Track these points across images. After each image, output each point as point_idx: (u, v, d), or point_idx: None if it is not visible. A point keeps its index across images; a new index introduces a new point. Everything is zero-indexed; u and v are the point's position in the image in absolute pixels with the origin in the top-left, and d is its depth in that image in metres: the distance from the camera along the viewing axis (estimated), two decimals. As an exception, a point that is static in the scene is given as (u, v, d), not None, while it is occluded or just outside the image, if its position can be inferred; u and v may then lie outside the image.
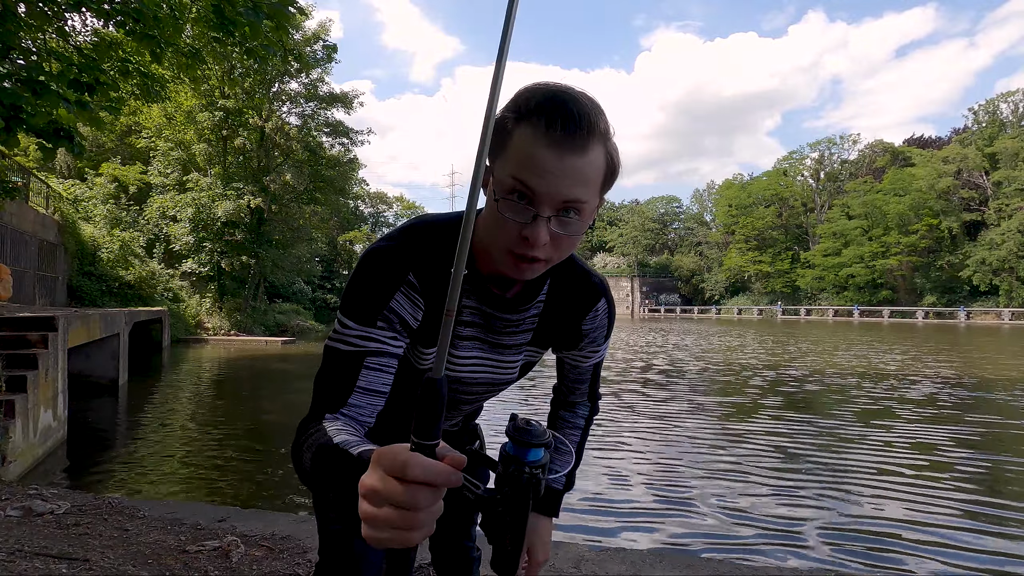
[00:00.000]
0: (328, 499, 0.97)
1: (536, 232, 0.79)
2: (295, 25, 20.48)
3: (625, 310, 67.04)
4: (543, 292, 1.02)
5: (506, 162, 0.80)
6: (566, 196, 0.78)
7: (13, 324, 6.18)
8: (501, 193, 0.80)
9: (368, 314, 0.89)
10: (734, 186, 69.87)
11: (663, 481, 4.97)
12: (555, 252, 0.84)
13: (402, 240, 0.93)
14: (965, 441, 6.29)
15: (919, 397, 9.09)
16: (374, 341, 0.89)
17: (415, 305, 0.92)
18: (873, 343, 21.04)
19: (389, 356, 0.90)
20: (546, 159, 0.76)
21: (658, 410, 8.07)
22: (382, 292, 0.90)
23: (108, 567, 2.60)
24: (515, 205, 0.79)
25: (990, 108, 53.98)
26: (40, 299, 14.88)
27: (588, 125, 0.77)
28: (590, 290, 1.07)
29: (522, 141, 0.78)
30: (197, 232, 23.46)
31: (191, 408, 8.69)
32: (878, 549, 3.65)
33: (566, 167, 0.77)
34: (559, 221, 0.80)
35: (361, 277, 0.91)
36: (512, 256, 0.82)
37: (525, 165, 0.77)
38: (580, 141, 0.77)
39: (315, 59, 24.05)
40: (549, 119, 0.76)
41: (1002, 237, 45.39)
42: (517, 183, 0.78)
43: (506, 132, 0.80)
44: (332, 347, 0.90)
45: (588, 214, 0.83)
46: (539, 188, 0.77)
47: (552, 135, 0.76)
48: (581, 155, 0.77)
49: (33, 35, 4.07)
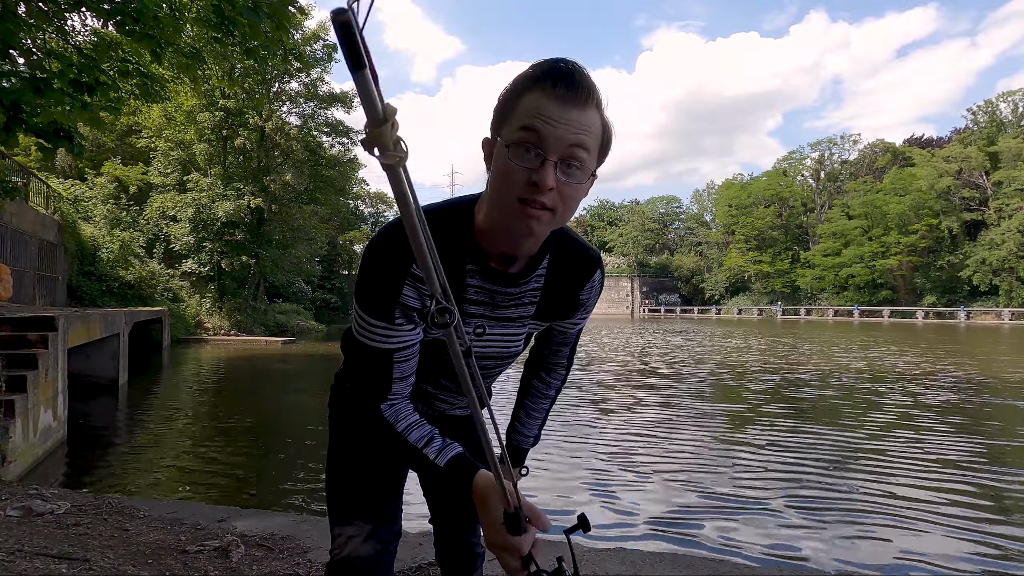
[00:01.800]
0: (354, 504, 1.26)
1: (544, 175, 0.87)
2: (295, 25, 20.45)
3: (625, 310, 66.99)
4: (543, 266, 1.08)
5: (515, 120, 0.89)
6: (571, 140, 0.87)
7: (13, 324, 6.18)
8: (511, 142, 0.89)
9: (384, 310, 0.98)
10: (734, 186, 69.83)
11: (664, 481, 4.97)
12: (560, 205, 0.91)
13: (398, 234, 0.97)
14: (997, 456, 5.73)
15: (942, 403, 9.07)
16: (397, 339, 1.00)
17: (422, 293, 0.98)
18: (879, 344, 21.02)
19: (412, 346, 1.02)
20: (553, 109, 0.87)
21: (660, 411, 8.07)
22: (389, 288, 0.97)
23: (108, 567, 2.60)
24: (524, 153, 0.87)
25: (989, 108, 53.98)
26: (40, 299, 14.87)
27: (588, 86, 0.89)
28: (587, 261, 1.13)
29: (530, 99, 0.88)
30: (197, 232, 23.47)
31: (191, 408, 8.68)
32: (880, 551, 3.65)
33: (570, 116, 0.87)
34: (564, 169, 0.89)
35: (368, 274, 0.99)
36: (520, 205, 0.89)
37: (533, 115, 0.87)
38: (581, 96, 0.88)
39: (315, 59, 24.06)
40: (555, 79, 0.88)
41: (1002, 237, 45.37)
42: (526, 132, 0.87)
43: (513, 100, 0.91)
44: (361, 341, 1.01)
45: (588, 168, 0.91)
46: (546, 132, 0.86)
47: (558, 91, 0.87)
48: (583, 108, 0.89)
49: (33, 35, 4.07)
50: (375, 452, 1.26)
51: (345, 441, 1.31)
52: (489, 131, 0.96)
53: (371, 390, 1.03)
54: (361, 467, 1.28)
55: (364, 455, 1.28)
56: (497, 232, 0.98)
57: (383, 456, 1.26)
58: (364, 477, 1.28)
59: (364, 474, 1.28)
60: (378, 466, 1.28)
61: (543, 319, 1.17)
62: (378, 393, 1.03)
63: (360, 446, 1.28)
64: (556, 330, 1.26)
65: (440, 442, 1.01)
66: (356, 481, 1.28)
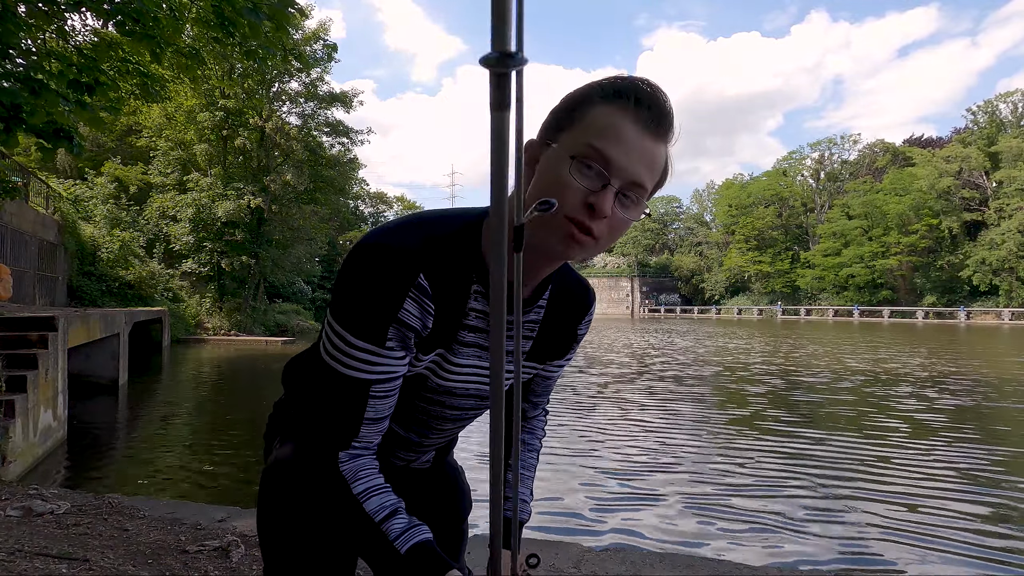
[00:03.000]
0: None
1: (603, 200, 0.77)
2: (295, 25, 20.48)
3: (625, 310, 66.97)
4: (544, 296, 0.96)
5: (582, 132, 0.79)
6: (636, 175, 0.78)
7: (13, 324, 6.18)
8: (575, 154, 0.78)
9: (374, 328, 0.79)
10: (734, 186, 69.83)
11: (664, 482, 4.97)
12: (607, 234, 0.81)
13: (409, 235, 0.82)
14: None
15: (950, 406, 9.06)
16: (382, 366, 0.81)
17: (425, 311, 0.82)
18: (886, 345, 21.01)
19: (396, 380, 0.84)
20: (630, 134, 0.77)
21: (660, 411, 8.07)
22: (389, 300, 0.79)
23: (108, 567, 2.60)
24: (586, 170, 0.77)
25: (988, 109, 54.00)
26: (40, 299, 14.87)
27: (670, 120, 0.80)
28: (584, 295, 1.05)
29: (606, 115, 0.78)
30: (197, 232, 23.48)
31: (191, 408, 8.68)
32: (880, 551, 3.65)
33: (646, 147, 0.78)
34: (621, 201, 0.79)
35: (360, 279, 0.79)
36: (568, 224, 0.78)
37: (606, 135, 0.77)
38: (663, 129, 0.80)
39: (315, 59, 24.07)
40: (639, 100, 0.78)
41: (1002, 237, 45.38)
42: (591, 150, 0.77)
43: (584, 107, 0.80)
44: (332, 367, 0.81)
45: (642, 206, 0.82)
46: (617, 158, 0.77)
47: (641, 114, 0.78)
48: (659, 142, 0.80)
49: (33, 35, 4.07)
50: (318, 530, 0.95)
51: (281, 516, 0.96)
52: (539, 134, 0.84)
53: (332, 431, 0.83)
54: (302, 552, 0.96)
55: (306, 536, 0.95)
56: None
57: (328, 535, 0.96)
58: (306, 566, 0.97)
59: (306, 562, 0.96)
60: (324, 552, 0.97)
61: (538, 359, 1.02)
62: (341, 436, 0.82)
63: (301, 522, 0.95)
64: (541, 376, 1.09)
65: (405, 520, 0.81)
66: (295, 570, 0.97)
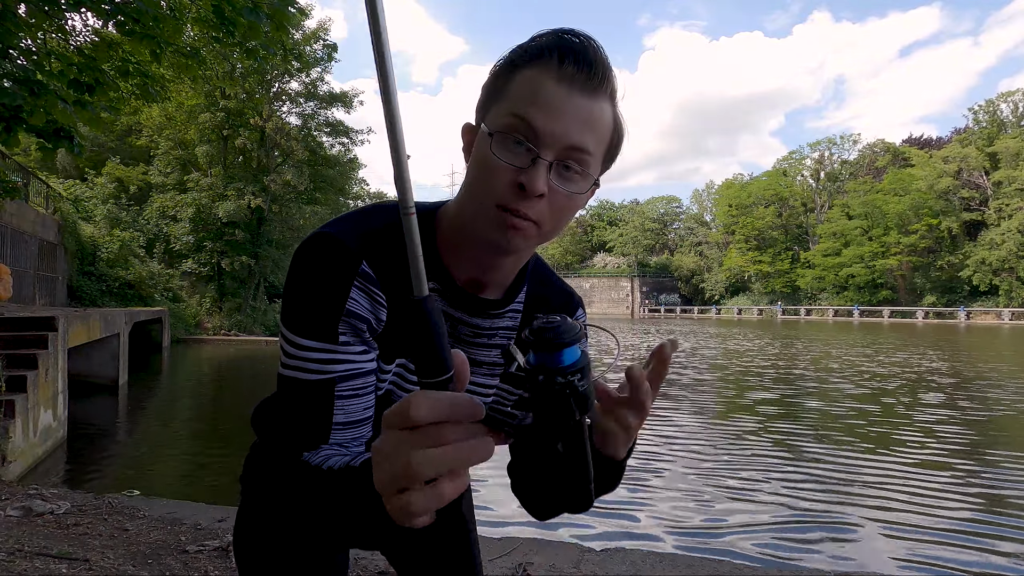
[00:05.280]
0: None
1: (534, 177, 0.66)
2: (295, 25, 20.48)
3: (625, 310, 67.00)
4: (519, 299, 0.85)
5: (505, 103, 0.69)
6: (572, 140, 0.68)
7: (13, 324, 6.18)
8: (496, 130, 0.69)
9: (322, 325, 0.69)
10: (734, 186, 69.84)
11: (665, 482, 4.97)
12: (549, 217, 0.70)
13: (348, 224, 0.74)
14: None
15: (953, 408, 9.04)
16: (342, 363, 0.70)
17: (375, 302, 0.72)
18: (893, 346, 21.00)
19: (363, 376, 0.72)
20: (555, 94, 0.67)
21: (660, 411, 8.07)
22: (333, 292, 0.69)
23: (108, 567, 2.60)
24: (512, 146, 0.68)
25: (989, 108, 54.01)
26: (40, 299, 14.87)
27: (603, 69, 0.69)
28: (567, 300, 0.92)
29: (528, 79, 0.69)
30: (197, 232, 23.51)
31: (191, 408, 8.68)
32: (880, 552, 3.64)
33: (576, 105, 0.68)
34: (559, 173, 0.69)
35: (302, 275, 0.70)
36: (500, 212, 0.68)
37: (529, 100, 0.68)
38: (593, 82, 0.69)
39: (315, 59, 24.09)
40: (562, 53, 0.68)
41: (1002, 237, 45.41)
42: (517, 120, 0.67)
43: (505, 76, 0.71)
44: (289, 377, 0.70)
45: (589, 177, 0.71)
46: (543, 125, 0.67)
47: (564, 70, 0.68)
48: (592, 97, 0.69)
49: (33, 35, 4.07)
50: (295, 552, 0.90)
51: (257, 552, 0.93)
52: (474, 116, 0.75)
53: (299, 439, 0.68)
54: None
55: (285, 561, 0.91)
56: (466, 246, 0.75)
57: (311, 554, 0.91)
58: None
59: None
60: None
61: (514, 383, 0.91)
62: (308, 442, 0.68)
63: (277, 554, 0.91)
64: None
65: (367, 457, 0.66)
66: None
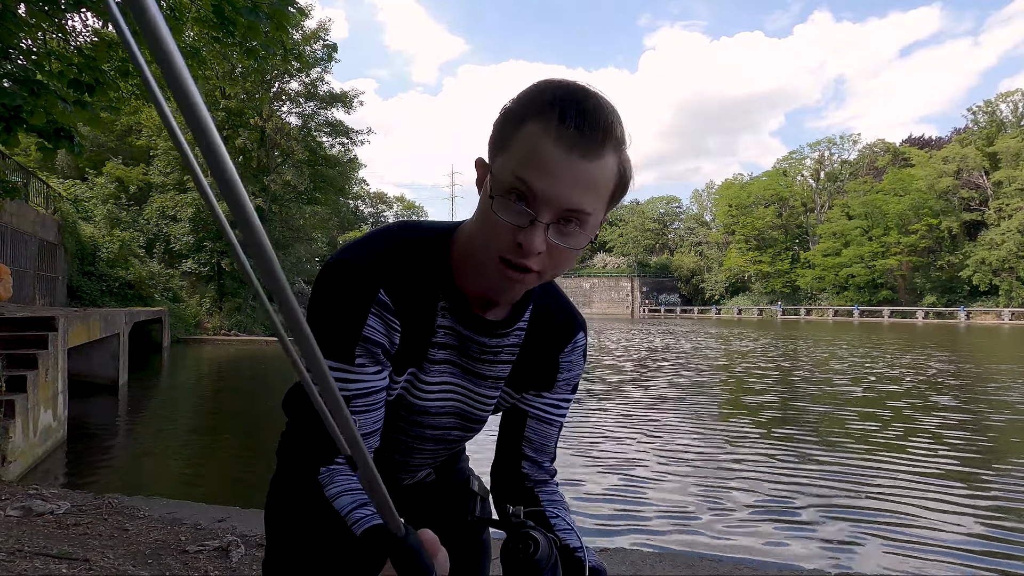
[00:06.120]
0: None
1: (531, 238, 0.70)
2: (295, 25, 20.49)
3: (625, 310, 66.98)
4: (524, 319, 0.90)
5: (509, 158, 0.72)
6: (569, 203, 0.70)
7: (13, 324, 6.18)
8: (498, 191, 0.72)
9: (341, 348, 0.77)
10: (734, 186, 69.82)
11: (665, 482, 4.97)
12: (550, 265, 0.75)
13: (367, 250, 0.80)
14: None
15: (955, 410, 9.04)
16: (357, 383, 0.79)
17: (390, 327, 0.80)
18: (897, 346, 21.00)
19: (375, 393, 0.81)
20: (553, 157, 0.69)
21: (660, 412, 8.07)
22: (351, 318, 0.77)
23: (108, 567, 2.60)
24: (512, 206, 0.71)
25: (989, 108, 54.01)
26: (40, 299, 14.87)
27: (605, 127, 0.70)
28: (570, 320, 0.97)
29: (529, 136, 0.70)
30: (197, 232, 23.50)
31: (191, 408, 8.69)
32: (880, 552, 3.64)
33: (574, 169, 0.69)
34: (558, 230, 0.72)
35: (323, 299, 0.79)
36: (502, 264, 0.73)
37: (528, 162, 0.69)
38: (594, 143, 0.70)
39: (315, 59, 24.10)
40: (563, 113, 0.69)
41: (1002, 237, 45.41)
42: (517, 181, 0.70)
43: (511, 128, 0.73)
44: None
45: (591, 228, 0.75)
46: (541, 189, 0.69)
47: (563, 131, 0.69)
48: (593, 158, 0.70)
49: (33, 35, 4.07)
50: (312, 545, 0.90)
51: (280, 529, 0.95)
52: (487, 151, 0.78)
53: (313, 452, 0.78)
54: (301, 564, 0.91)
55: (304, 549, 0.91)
56: (474, 277, 0.82)
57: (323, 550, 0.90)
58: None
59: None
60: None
61: (516, 386, 0.95)
62: (322, 455, 0.78)
63: (297, 535, 0.91)
64: (534, 416, 0.97)
65: (372, 512, 0.74)
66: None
